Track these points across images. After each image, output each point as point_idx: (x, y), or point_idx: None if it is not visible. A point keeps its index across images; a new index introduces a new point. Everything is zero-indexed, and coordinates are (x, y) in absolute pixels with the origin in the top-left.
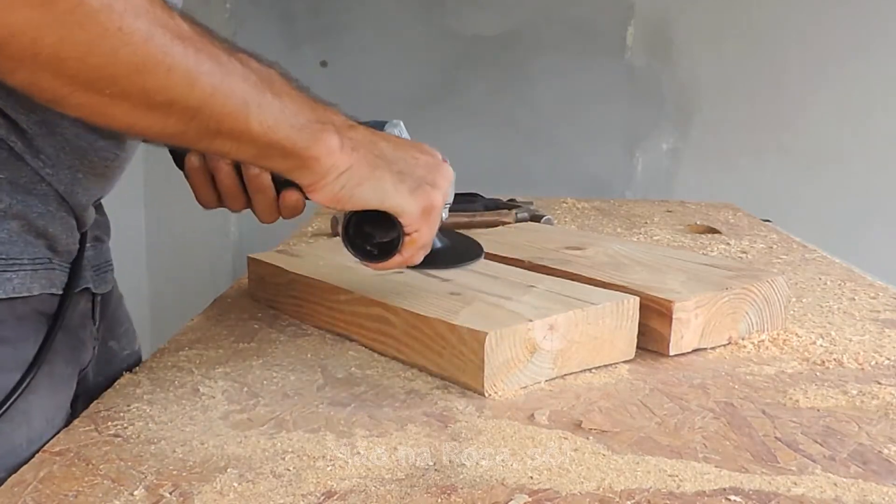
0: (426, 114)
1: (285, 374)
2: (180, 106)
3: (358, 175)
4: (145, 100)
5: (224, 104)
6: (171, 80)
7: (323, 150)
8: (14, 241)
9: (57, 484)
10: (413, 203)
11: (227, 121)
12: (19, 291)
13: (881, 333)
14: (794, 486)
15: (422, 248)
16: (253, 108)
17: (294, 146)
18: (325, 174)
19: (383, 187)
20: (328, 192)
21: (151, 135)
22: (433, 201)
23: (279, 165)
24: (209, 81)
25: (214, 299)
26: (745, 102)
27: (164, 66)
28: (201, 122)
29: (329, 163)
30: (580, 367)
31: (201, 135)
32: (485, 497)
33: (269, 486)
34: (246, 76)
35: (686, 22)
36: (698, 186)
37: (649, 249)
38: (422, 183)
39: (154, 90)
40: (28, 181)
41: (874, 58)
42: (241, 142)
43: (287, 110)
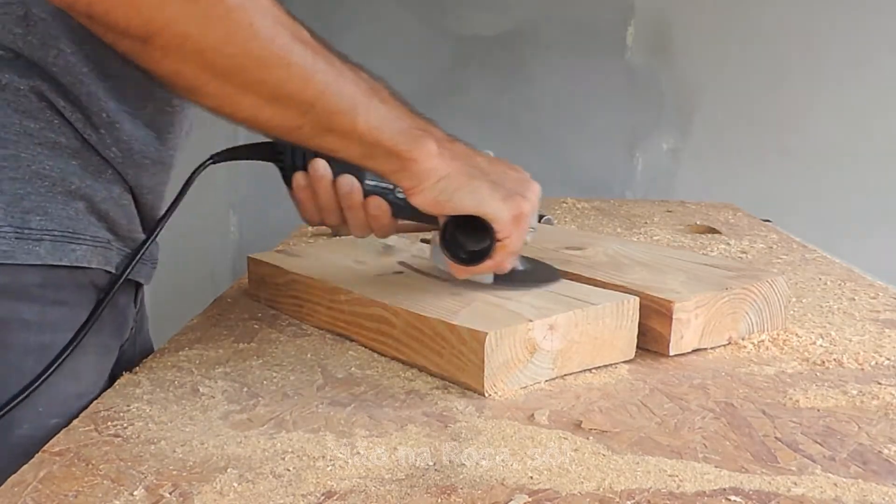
0: (426, 114)
1: (285, 374)
2: (297, 100)
3: (456, 181)
4: (267, 92)
5: (336, 103)
6: (290, 75)
7: (423, 153)
8: (80, 218)
9: (57, 484)
10: (505, 210)
11: (337, 118)
12: (80, 262)
13: (881, 333)
14: (794, 486)
15: (511, 255)
16: (361, 109)
17: (396, 147)
18: (425, 177)
19: (480, 194)
20: (428, 195)
21: (271, 127)
22: (523, 210)
23: (383, 166)
24: (323, 80)
25: (214, 299)
26: (745, 102)
27: (285, 61)
28: (315, 117)
29: (429, 166)
30: (580, 368)
31: (315, 130)
32: (485, 497)
33: (269, 486)
34: (356, 81)
35: (686, 22)
36: (698, 186)
37: (649, 249)
38: (513, 193)
39: (275, 83)
40: (96, 168)
41: (874, 58)
42: (350, 140)
43: (391, 115)
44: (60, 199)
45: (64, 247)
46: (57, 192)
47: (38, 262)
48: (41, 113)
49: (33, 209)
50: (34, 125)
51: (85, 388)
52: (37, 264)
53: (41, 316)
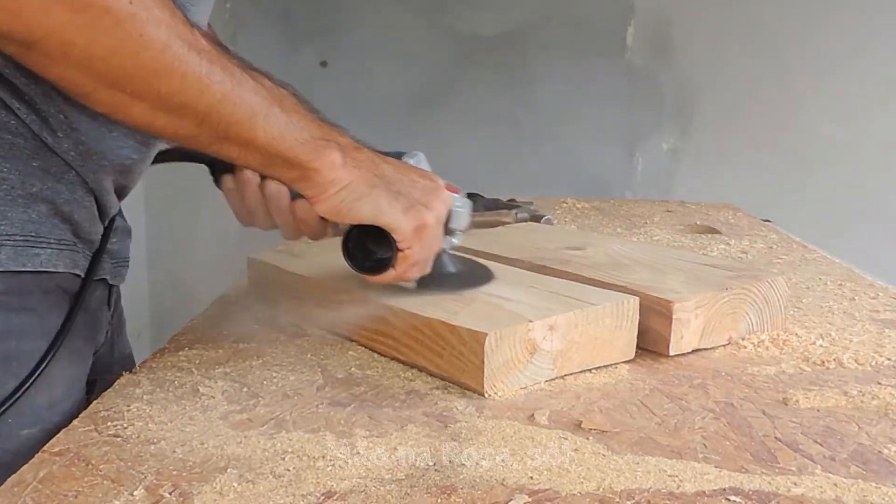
0: (426, 114)
1: (285, 374)
2: (191, 109)
3: (357, 191)
4: (161, 101)
5: (232, 112)
6: (184, 86)
7: (325, 163)
8: (43, 221)
9: (57, 484)
10: (405, 221)
11: (234, 128)
12: (45, 266)
13: (881, 333)
14: (794, 487)
15: (415, 265)
16: (260, 119)
17: (297, 158)
18: (326, 187)
19: (379, 204)
20: (329, 204)
21: (167, 135)
22: (425, 220)
23: (284, 175)
24: (220, 89)
25: (214, 299)
26: (745, 102)
27: (179, 72)
28: (211, 126)
29: (330, 176)
30: (580, 368)
31: (211, 139)
32: (485, 497)
33: (269, 486)
34: (257, 90)
35: (686, 22)
36: (698, 186)
37: (649, 249)
38: (415, 203)
39: (168, 93)
40: (58, 170)
41: (874, 58)
42: (248, 149)
43: (293, 125)
44: (21, 203)
45: (27, 251)
46: (17, 196)
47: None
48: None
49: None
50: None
51: (57, 397)
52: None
53: (5, 323)
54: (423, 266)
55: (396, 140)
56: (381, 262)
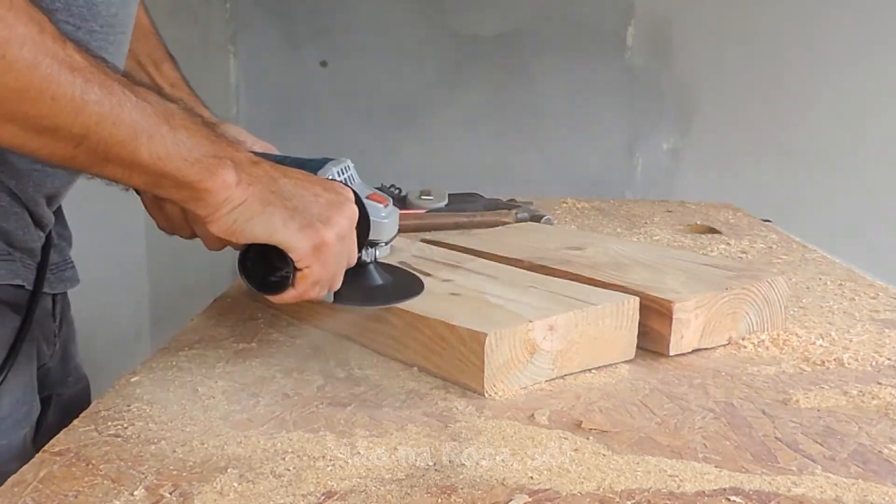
0: (426, 114)
1: (285, 374)
2: (65, 132)
3: (250, 210)
4: (31, 124)
5: (111, 133)
6: (56, 108)
7: (216, 182)
8: None
9: (57, 484)
10: (302, 239)
11: (115, 148)
12: None
13: (881, 333)
14: (794, 486)
15: (316, 284)
16: (143, 139)
17: (186, 178)
18: (218, 206)
19: (272, 223)
20: (222, 224)
21: (43, 157)
22: (324, 238)
23: (174, 195)
24: (96, 110)
25: (214, 299)
26: (745, 102)
27: (48, 93)
28: (89, 148)
29: (223, 196)
30: (580, 368)
31: (91, 160)
32: (485, 497)
33: (269, 486)
34: (140, 108)
35: (686, 22)
36: (698, 186)
37: (649, 249)
38: (313, 221)
39: (38, 116)
40: None
41: (874, 58)
42: (132, 169)
43: (182, 144)
44: None
45: None
46: None
47: None
48: None
49: None
50: None
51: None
52: None
53: None
54: (327, 283)
55: (396, 140)
56: (276, 283)
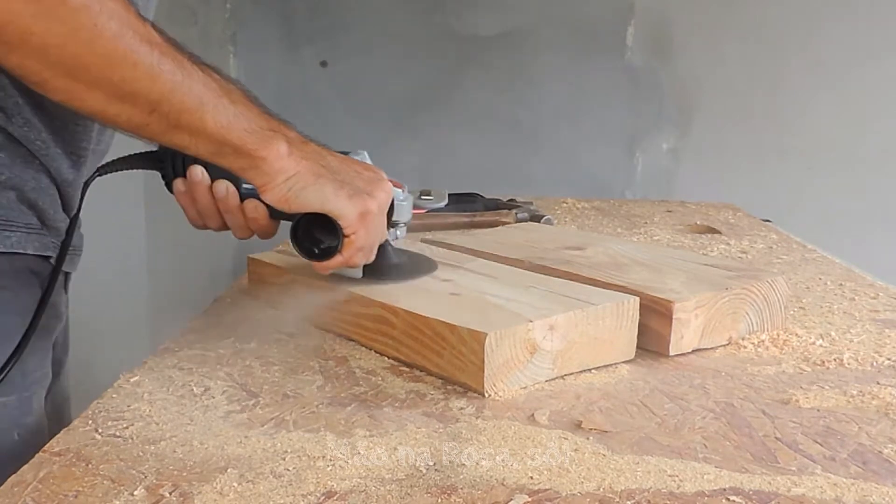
0: (426, 114)
1: (285, 374)
2: (143, 98)
3: (304, 180)
4: (113, 89)
5: (182, 101)
6: (136, 74)
7: (272, 153)
8: (11, 207)
9: (57, 484)
10: (351, 207)
11: (184, 116)
12: (16, 248)
13: (881, 333)
14: (794, 487)
15: (360, 251)
16: (209, 108)
17: (245, 146)
18: (274, 176)
19: (325, 192)
20: (277, 192)
21: (120, 123)
22: (369, 207)
23: (233, 163)
24: (170, 79)
25: (214, 299)
26: (745, 102)
27: (130, 61)
28: (162, 114)
29: (277, 166)
30: (580, 368)
31: (163, 127)
32: (485, 497)
33: (269, 486)
34: (206, 82)
35: (686, 22)
36: (698, 186)
37: (649, 249)
38: (360, 191)
39: (121, 81)
40: (23, 160)
41: (874, 58)
42: (198, 137)
43: (241, 116)
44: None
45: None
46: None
47: None
48: None
49: None
50: None
51: (29, 366)
52: None
53: None
54: (367, 252)
55: (397, 140)
56: (327, 251)
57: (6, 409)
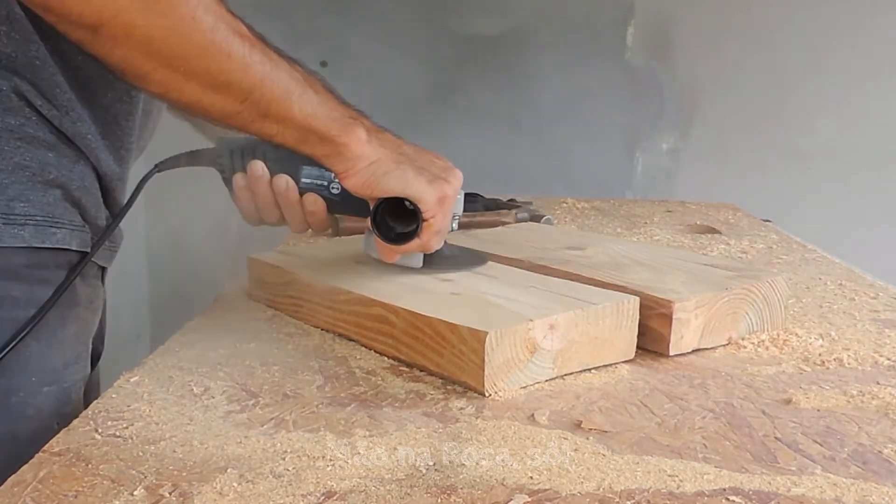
0: (426, 114)
1: (285, 374)
2: (236, 87)
3: (385, 166)
4: (209, 79)
5: (272, 90)
6: (230, 65)
7: (354, 139)
8: (57, 205)
9: (57, 484)
10: (430, 192)
11: (273, 105)
12: (61, 244)
13: (881, 333)
14: (794, 487)
15: (437, 234)
16: (295, 97)
17: (329, 133)
18: (356, 162)
19: (406, 177)
20: (359, 178)
21: (214, 112)
22: (447, 192)
23: (317, 150)
24: (260, 69)
25: (214, 299)
26: (745, 102)
27: (225, 52)
28: (252, 103)
29: (358, 151)
30: (580, 367)
31: (253, 116)
32: (485, 497)
33: (269, 486)
34: (291, 73)
35: (686, 22)
36: (698, 186)
37: (649, 249)
38: (437, 177)
39: (216, 71)
40: (70, 160)
41: (874, 58)
42: (285, 125)
43: (324, 105)
44: (40, 188)
45: (45, 230)
46: (37, 182)
47: (24, 244)
48: (21, 110)
49: (17, 197)
50: (14, 121)
51: (70, 358)
52: (22, 246)
53: (28, 293)
54: (441, 237)
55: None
56: (404, 234)
57: (48, 399)
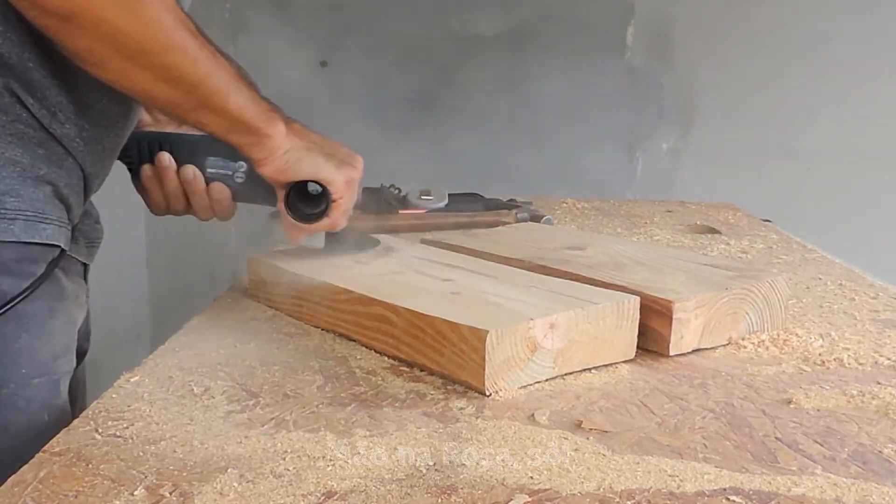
0: (426, 114)
1: (285, 374)
2: (186, 81)
3: (298, 154)
4: (164, 73)
5: (214, 84)
6: (183, 61)
7: (275, 130)
8: (47, 201)
9: (57, 484)
10: (339, 175)
11: (214, 98)
12: (50, 240)
13: (881, 333)
14: (794, 486)
15: (344, 213)
16: (232, 91)
17: (255, 124)
18: (274, 150)
19: (317, 163)
20: (276, 164)
21: (160, 101)
22: (352, 175)
23: (242, 139)
24: (206, 66)
25: (214, 299)
26: (745, 102)
27: (180, 49)
28: (196, 95)
29: (278, 142)
30: (580, 367)
31: (194, 106)
32: (485, 497)
33: (269, 486)
34: (228, 68)
35: (686, 22)
36: (698, 186)
37: (649, 249)
38: (344, 162)
39: (171, 66)
40: (58, 158)
41: (874, 57)
42: (220, 116)
43: (253, 99)
44: (31, 184)
45: (35, 226)
46: (27, 178)
47: (14, 238)
48: (12, 107)
49: (7, 191)
50: (6, 117)
51: (59, 350)
52: (12, 241)
53: (17, 287)
54: (346, 216)
55: (396, 140)
56: (315, 214)
57: (38, 391)
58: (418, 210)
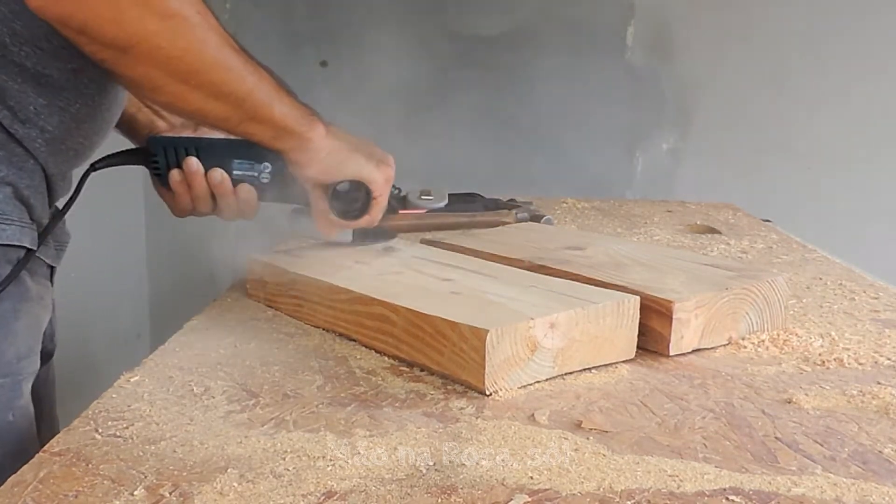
0: (426, 113)
1: (285, 374)
2: (234, 96)
3: (339, 155)
4: (214, 90)
5: (259, 97)
6: (230, 77)
7: (316, 134)
8: (7, 202)
9: (57, 484)
10: (379, 174)
11: (260, 110)
12: (11, 240)
13: (881, 333)
14: (794, 486)
15: (382, 210)
16: (275, 102)
17: (298, 129)
18: (317, 152)
19: (359, 163)
20: (320, 166)
21: (211, 118)
22: (390, 174)
23: (286, 144)
24: (251, 80)
25: (214, 299)
26: (745, 102)
27: (226, 66)
28: (244, 108)
29: (319, 144)
30: (580, 366)
31: (242, 119)
32: (485, 497)
33: (269, 486)
34: (269, 80)
35: (686, 22)
36: (698, 186)
37: (649, 249)
38: (381, 161)
39: (220, 82)
40: (19, 159)
41: (875, 57)
42: (267, 125)
43: (293, 105)
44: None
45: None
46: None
47: None
48: None
49: None
50: None
51: (23, 350)
52: None
53: None
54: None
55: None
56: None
57: (2, 391)
58: (418, 210)
